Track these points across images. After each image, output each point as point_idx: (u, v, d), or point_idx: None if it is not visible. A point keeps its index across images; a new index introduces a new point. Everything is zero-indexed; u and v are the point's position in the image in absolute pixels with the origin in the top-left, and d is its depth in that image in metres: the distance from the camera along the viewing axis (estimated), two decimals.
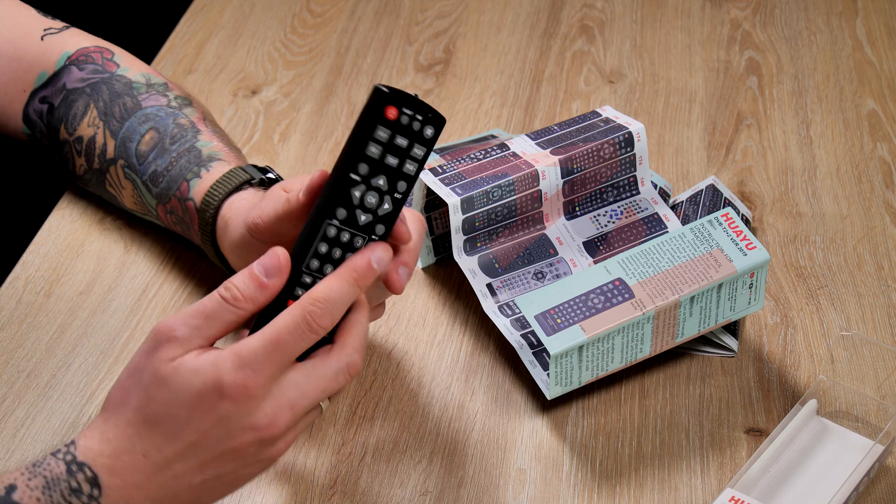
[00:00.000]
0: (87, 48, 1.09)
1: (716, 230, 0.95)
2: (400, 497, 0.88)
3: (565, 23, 1.41)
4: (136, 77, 1.07)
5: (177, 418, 0.74)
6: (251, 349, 0.74)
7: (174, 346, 0.74)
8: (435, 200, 1.05)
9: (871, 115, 1.26)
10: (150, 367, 0.74)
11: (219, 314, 0.75)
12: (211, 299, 0.75)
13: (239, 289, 0.75)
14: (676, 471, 0.90)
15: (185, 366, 0.74)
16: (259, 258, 0.76)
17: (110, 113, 1.05)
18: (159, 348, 0.74)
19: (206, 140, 1.03)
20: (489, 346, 1.00)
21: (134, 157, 1.03)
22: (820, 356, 0.99)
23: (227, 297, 0.75)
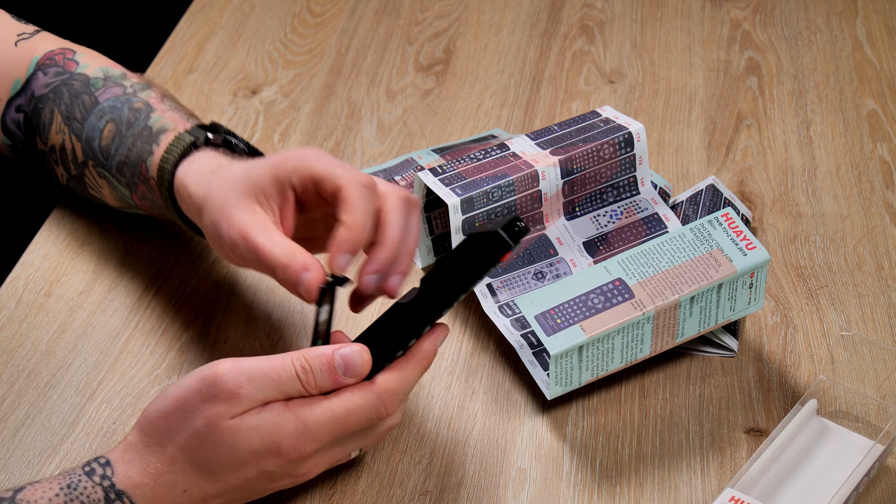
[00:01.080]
0: (52, 51, 1.07)
1: (716, 230, 0.95)
2: (400, 497, 0.88)
3: (565, 23, 1.41)
4: (94, 73, 1.04)
5: (226, 468, 0.75)
6: (318, 422, 0.75)
7: (235, 404, 0.74)
8: (435, 200, 1.05)
9: (871, 115, 1.26)
10: (205, 415, 0.74)
11: (286, 386, 0.75)
12: (285, 369, 0.75)
13: (315, 376, 0.76)
14: (676, 471, 0.90)
15: (244, 424, 0.74)
16: (344, 349, 0.76)
17: (72, 115, 1.03)
18: (218, 401, 0.74)
19: (158, 115, 0.99)
20: (489, 346, 1.00)
21: (100, 155, 1.01)
22: (820, 356, 0.99)
23: (302, 377, 0.75)
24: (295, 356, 0.76)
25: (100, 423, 0.93)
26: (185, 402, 0.75)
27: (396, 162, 1.19)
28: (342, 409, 0.76)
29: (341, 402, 0.76)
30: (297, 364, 0.75)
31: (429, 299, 0.78)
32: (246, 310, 1.03)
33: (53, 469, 0.90)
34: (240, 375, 0.74)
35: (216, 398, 0.74)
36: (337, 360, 0.76)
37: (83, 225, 1.11)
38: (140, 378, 0.97)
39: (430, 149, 1.20)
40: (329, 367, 0.76)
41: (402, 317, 0.78)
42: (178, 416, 0.75)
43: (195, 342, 1.00)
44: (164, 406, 0.76)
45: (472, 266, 0.77)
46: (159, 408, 0.76)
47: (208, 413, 0.74)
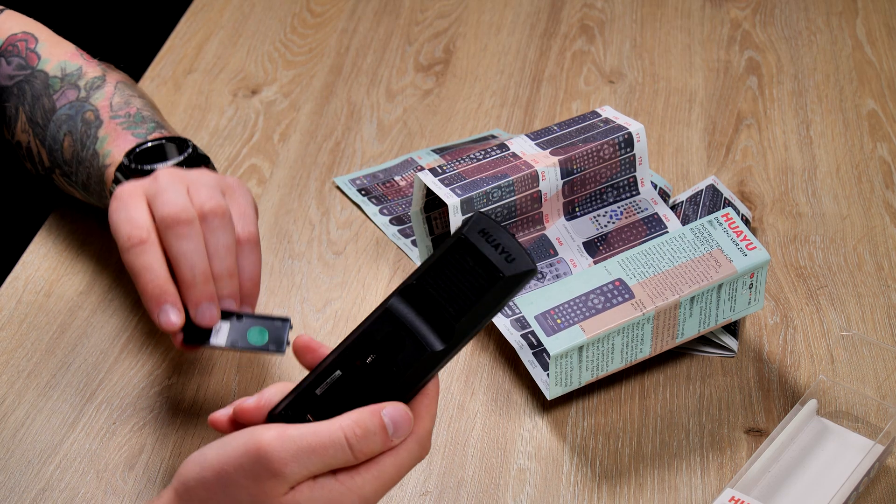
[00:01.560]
0: (15, 35, 1.05)
1: (716, 230, 0.95)
2: (400, 497, 0.88)
3: (565, 23, 1.41)
4: (53, 70, 1.03)
5: None
6: (374, 489, 0.72)
7: (280, 482, 0.70)
8: (434, 200, 1.05)
9: (871, 115, 1.26)
10: (251, 491, 0.70)
11: (334, 459, 0.71)
12: (333, 441, 0.71)
13: (367, 440, 0.71)
14: (676, 471, 0.90)
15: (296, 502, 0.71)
16: (390, 411, 0.72)
17: (34, 119, 1.02)
18: (263, 480, 0.70)
19: (104, 133, 0.98)
20: (489, 346, 1.00)
21: (64, 167, 1.01)
22: (820, 356, 0.99)
23: (354, 447, 0.71)
24: (345, 424, 0.71)
25: (100, 423, 0.93)
26: (228, 476, 0.71)
27: (396, 162, 1.19)
28: (393, 468, 0.72)
29: (391, 462, 0.73)
30: (348, 434, 0.71)
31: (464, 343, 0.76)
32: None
33: (53, 469, 0.90)
34: (285, 451, 0.70)
35: (261, 476, 0.70)
36: (387, 422, 0.72)
37: (83, 225, 1.11)
38: (140, 378, 0.97)
39: (430, 149, 1.20)
40: (382, 432, 0.72)
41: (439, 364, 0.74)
42: (219, 489, 0.71)
43: None
44: (203, 475, 0.71)
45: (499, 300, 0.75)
46: (199, 475, 0.72)
47: (255, 491, 0.70)
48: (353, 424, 0.71)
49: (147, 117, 1.00)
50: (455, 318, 0.73)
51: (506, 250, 0.73)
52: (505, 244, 0.73)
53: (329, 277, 1.07)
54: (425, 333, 0.74)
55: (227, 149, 1.21)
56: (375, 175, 1.17)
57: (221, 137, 1.23)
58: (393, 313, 0.74)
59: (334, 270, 1.08)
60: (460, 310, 0.73)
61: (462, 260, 0.73)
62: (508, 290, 0.73)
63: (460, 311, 0.73)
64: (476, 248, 0.73)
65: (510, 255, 0.73)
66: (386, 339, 0.74)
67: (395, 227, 1.11)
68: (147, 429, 0.93)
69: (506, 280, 0.72)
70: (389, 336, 0.74)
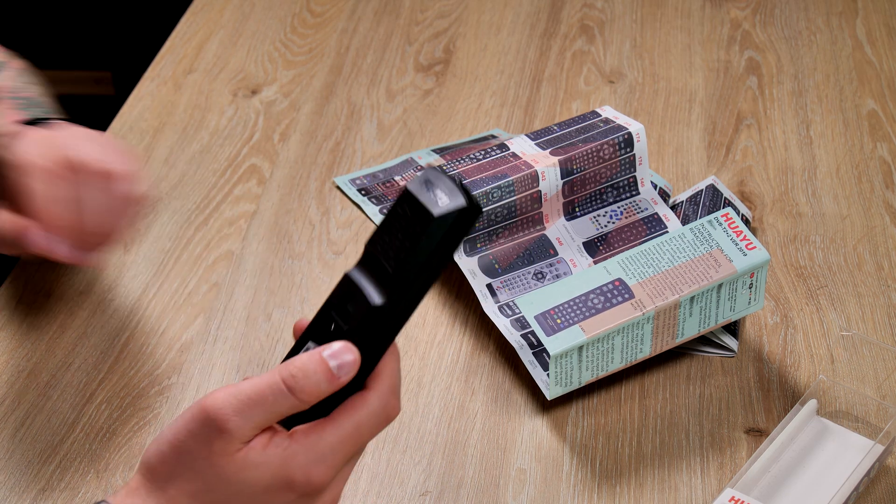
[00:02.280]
0: None
1: (716, 230, 0.95)
2: (400, 497, 0.88)
3: (565, 23, 1.41)
4: None
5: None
6: (330, 446, 0.71)
7: (228, 439, 0.70)
8: None
9: (871, 115, 1.26)
10: (203, 454, 0.70)
11: (277, 402, 0.70)
12: (271, 385, 0.70)
13: (309, 379, 0.70)
14: (676, 471, 0.90)
15: (249, 461, 0.70)
16: (331, 348, 0.71)
17: None
18: (212, 440, 0.70)
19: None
20: (489, 346, 1.00)
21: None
22: (820, 356, 0.99)
23: (293, 386, 0.70)
24: (282, 368, 0.71)
25: (100, 423, 0.93)
26: (182, 445, 0.71)
27: (396, 162, 1.19)
28: (352, 425, 0.71)
29: (348, 419, 0.71)
30: (285, 376, 0.70)
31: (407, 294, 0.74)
32: (246, 310, 1.03)
33: (53, 469, 0.90)
34: (227, 406, 0.70)
35: (210, 437, 0.70)
36: (329, 359, 0.71)
37: None
38: (140, 378, 0.97)
39: (430, 149, 1.20)
40: (323, 369, 0.70)
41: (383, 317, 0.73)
42: (176, 460, 0.71)
43: (195, 342, 1.00)
44: (161, 449, 0.72)
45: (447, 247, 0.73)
46: (157, 451, 0.72)
47: (206, 453, 0.70)
48: (291, 367, 0.70)
49: (43, 104, 1.01)
50: (392, 269, 0.72)
51: (444, 194, 0.72)
52: (444, 189, 0.71)
53: (329, 277, 1.07)
54: (370, 291, 0.73)
55: (227, 149, 1.21)
56: (375, 175, 1.17)
57: (221, 137, 1.23)
58: (349, 279, 0.73)
59: (334, 270, 1.08)
60: (399, 261, 0.71)
61: (403, 213, 0.72)
62: (441, 230, 0.70)
63: (399, 262, 0.71)
64: (415, 197, 0.71)
65: (446, 198, 0.71)
66: (343, 305, 0.73)
67: None
68: (147, 429, 0.93)
69: (436, 220, 0.70)
70: (344, 300, 0.73)
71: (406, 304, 0.73)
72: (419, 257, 0.71)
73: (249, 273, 1.07)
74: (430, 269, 0.72)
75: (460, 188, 0.71)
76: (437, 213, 0.70)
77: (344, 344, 0.72)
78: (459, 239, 0.72)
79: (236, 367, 0.98)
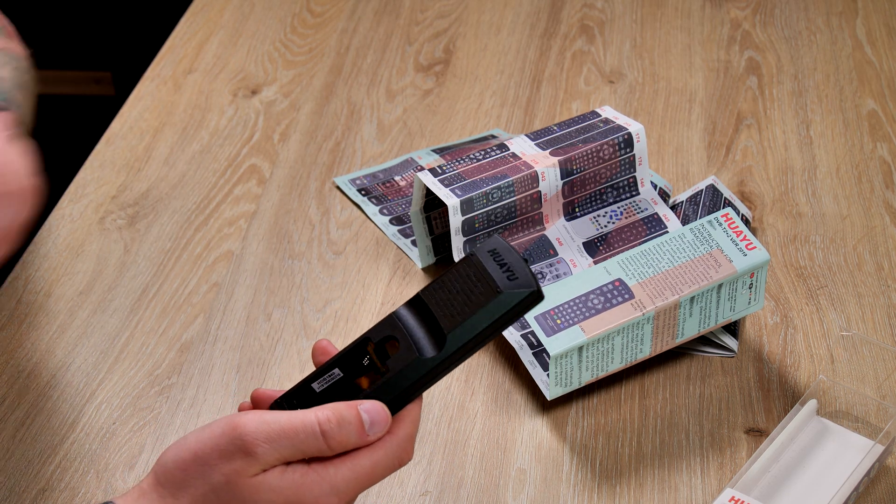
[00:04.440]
0: None
1: (716, 230, 0.95)
2: (400, 497, 0.88)
3: (565, 23, 1.41)
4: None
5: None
6: (345, 481, 0.72)
7: (252, 462, 0.71)
8: (434, 200, 1.05)
9: (871, 115, 1.26)
10: (223, 471, 0.71)
11: (307, 442, 0.72)
12: (305, 425, 0.72)
13: (342, 430, 0.72)
14: (676, 471, 0.90)
15: (265, 485, 0.71)
16: (367, 405, 0.73)
17: None
18: (235, 457, 0.71)
19: None
20: (489, 347, 1.00)
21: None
22: (820, 356, 0.99)
23: (326, 431, 0.72)
24: (320, 412, 0.72)
25: (100, 423, 0.93)
26: (203, 456, 0.72)
27: (396, 162, 1.19)
28: (369, 463, 0.73)
29: (367, 457, 0.73)
30: (322, 421, 0.72)
31: (456, 355, 0.74)
32: (246, 310, 1.03)
33: (53, 469, 0.90)
34: (259, 432, 0.71)
35: (234, 455, 0.71)
36: (363, 416, 0.73)
37: (83, 225, 1.11)
38: (140, 378, 0.97)
39: (429, 149, 1.20)
40: (357, 424, 0.72)
41: (427, 373, 0.74)
42: (195, 469, 0.72)
43: (195, 342, 1.00)
44: (181, 456, 0.73)
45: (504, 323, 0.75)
46: (176, 457, 0.73)
47: (226, 470, 0.71)
48: (328, 412, 0.72)
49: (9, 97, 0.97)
50: (449, 328, 0.74)
51: (511, 270, 0.73)
52: (512, 265, 0.74)
53: (329, 277, 1.07)
54: (419, 340, 0.75)
55: (227, 149, 1.21)
56: (375, 175, 1.17)
57: (221, 137, 1.23)
58: (396, 320, 0.75)
59: (334, 270, 1.08)
60: (455, 321, 0.74)
61: (467, 275, 0.74)
62: (505, 307, 0.73)
63: (455, 322, 0.74)
64: (482, 264, 0.74)
65: (514, 275, 0.73)
66: (382, 344, 0.75)
67: (395, 227, 1.11)
68: (147, 429, 0.93)
69: (502, 296, 0.73)
70: (386, 340, 0.75)
71: (452, 364, 0.75)
72: (477, 326, 0.74)
73: (249, 273, 1.07)
74: (482, 339, 0.74)
75: (528, 269, 0.73)
76: (505, 289, 0.73)
77: (380, 405, 0.73)
78: (517, 318, 0.74)
79: (236, 367, 0.98)
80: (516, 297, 0.73)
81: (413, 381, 0.74)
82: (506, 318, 0.74)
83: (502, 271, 0.73)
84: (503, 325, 0.74)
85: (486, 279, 0.74)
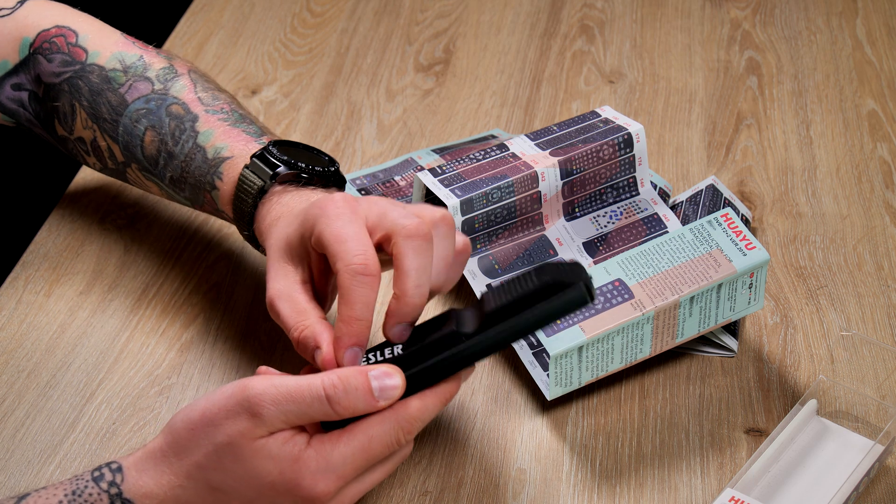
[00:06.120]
0: (48, 31, 1.00)
1: (715, 230, 0.95)
2: (400, 497, 0.88)
3: (565, 23, 1.41)
4: (109, 63, 0.99)
5: (241, 495, 0.72)
6: (342, 456, 0.72)
7: (257, 423, 0.71)
8: (434, 200, 1.05)
9: (871, 115, 1.26)
10: (227, 431, 0.71)
11: (312, 406, 0.71)
12: (312, 391, 0.71)
13: (347, 394, 0.71)
14: (676, 471, 0.90)
15: (265, 451, 0.71)
16: (375, 372, 0.72)
17: (99, 115, 0.98)
18: (241, 417, 0.71)
19: (206, 129, 0.96)
20: None
21: (145, 161, 0.98)
22: (820, 356, 0.99)
23: (331, 395, 0.71)
24: (325, 376, 0.72)
25: (100, 423, 0.93)
26: (211, 416, 0.72)
27: (396, 162, 1.19)
28: (364, 437, 0.72)
29: (362, 431, 0.72)
30: (326, 385, 0.71)
31: (493, 341, 0.73)
32: (246, 310, 1.03)
33: (53, 469, 0.90)
34: (266, 394, 0.71)
35: (239, 415, 0.71)
36: (374, 382, 0.72)
37: (83, 225, 1.11)
38: (140, 378, 0.97)
39: (429, 149, 1.20)
40: (365, 388, 0.71)
41: (459, 351, 0.74)
42: (202, 430, 0.72)
43: (195, 342, 1.00)
44: (190, 416, 0.73)
45: (545, 317, 0.73)
46: (185, 417, 0.73)
47: (231, 430, 0.71)
48: (335, 377, 0.72)
49: (244, 116, 0.98)
50: (489, 310, 0.74)
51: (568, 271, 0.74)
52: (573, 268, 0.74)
53: None
54: (465, 322, 0.75)
55: None
56: (375, 175, 1.17)
57: None
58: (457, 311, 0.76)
59: None
60: (497, 304, 0.74)
61: (529, 279, 0.75)
62: (548, 294, 0.72)
63: (496, 305, 0.74)
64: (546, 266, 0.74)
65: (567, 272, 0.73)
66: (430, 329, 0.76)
67: None
68: (147, 429, 0.93)
69: (547, 285, 0.72)
70: (435, 326, 0.76)
71: (485, 347, 0.74)
72: (517, 310, 0.73)
73: (249, 273, 1.07)
74: (522, 325, 0.73)
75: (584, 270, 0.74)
76: (552, 279, 0.73)
77: (393, 368, 0.72)
78: (563, 312, 0.73)
79: (236, 367, 0.98)
80: (561, 288, 0.72)
81: (441, 357, 0.73)
82: (549, 309, 0.72)
83: (558, 271, 0.73)
84: (547, 316, 0.73)
85: (539, 274, 0.73)
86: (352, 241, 0.77)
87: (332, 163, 0.94)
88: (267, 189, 0.91)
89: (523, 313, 0.73)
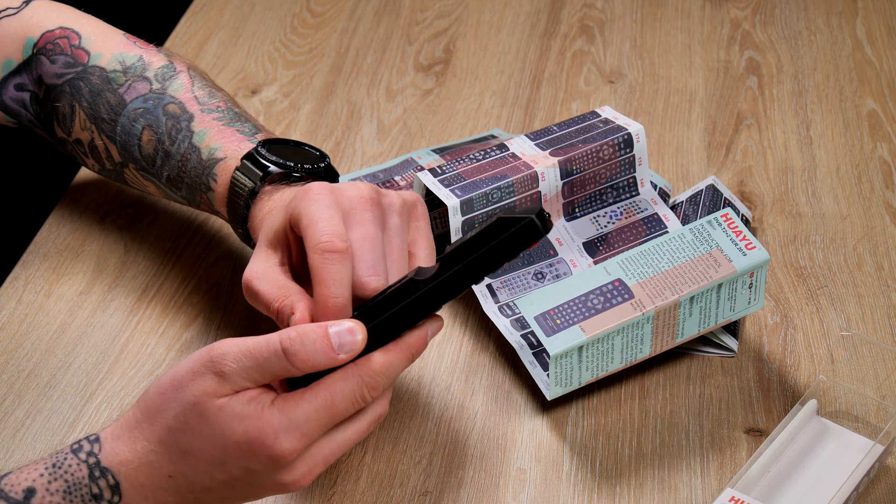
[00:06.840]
0: (52, 32, 1.01)
1: (715, 230, 0.95)
2: (400, 497, 0.88)
3: (565, 23, 1.41)
4: (110, 64, 1.00)
5: (210, 457, 0.72)
6: (304, 413, 0.71)
7: (220, 381, 0.71)
8: (434, 200, 1.05)
9: (871, 115, 1.26)
10: (193, 391, 0.72)
11: (270, 361, 0.71)
12: (269, 346, 0.71)
13: (304, 347, 0.71)
14: (676, 471, 0.90)
15: (229, 409, 0.71)
16: (335, 325, 0.72)
17: (98, 115, 0.99)
18: (206, 377, 0.72)
19: (201, 129, 0.96)
20: (489, 346, 1.00)
21: (142, 161, 0.99)
22: (820, 356, 0.99)
23: (288, 349, 0.71)
24: (285, 330, 0.72)
25: (100, 423, 0.93)
26: (179, 379, 0.72)
27: (396, 162, 1.19)
28: (326, 396, 0.71)
29: (324, 390, 0.72)
30: (283, 338, 0.71)
31: (449, 281, 0.72)
32: (246, 310, 1.03)
33: None
34: (229, 351, 0.71)
35: (203, 375, 0.71)
36: (332, 335, 0.72)
37: (83, 225, 1.11)
38: (140, 378, 0.97)
39: (429, 149, 1.20)
40: (323, 340, 0.71)
41: (417, 296, 0.73)
42: (171, 393, 0.73)
43: (195, 342, 1.00)
44: (161, 382, 0.73)
45: (498, 250, 0.73)
46: (158, 383, 0.74)
47: (196, 390, 0.71)
48: (292, 331, 0.71)
49: (239, 114, 0.99)
50: (443, 254, 0.74)
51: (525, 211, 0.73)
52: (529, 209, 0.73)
53: None
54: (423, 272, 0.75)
55: None
56: (375, 175, 1.17)
57: None
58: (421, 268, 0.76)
59: None
60: (452, 248, 0.73)
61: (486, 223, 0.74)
62: (500, 231, 0.71)
63: (451, 248, 0.74)
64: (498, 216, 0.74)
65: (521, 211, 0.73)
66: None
67: None
68: None
69: (499, 221, 0.71)
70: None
71: (443, 290, 0.73)
72: (471, 250, 0.72)
73: None
74: (476, 265, 0.72)
75: (540, 207, 0.73)
76: (503, 215, 0.71)
77: (355, 323, 0.72)
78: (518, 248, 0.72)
79: None
80: (514, 224, 0.71)
81: (401, 304, 0.73)
82: (503, 245, 0.72)
83: (513, 212, 0.73)
84: (501, 254, 0.72)
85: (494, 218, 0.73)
86: (322, 222, 0.78)
87: (323, 157, 0.95)
88: (258, 191, 0.92)
89: (478, 252, 0.73)
